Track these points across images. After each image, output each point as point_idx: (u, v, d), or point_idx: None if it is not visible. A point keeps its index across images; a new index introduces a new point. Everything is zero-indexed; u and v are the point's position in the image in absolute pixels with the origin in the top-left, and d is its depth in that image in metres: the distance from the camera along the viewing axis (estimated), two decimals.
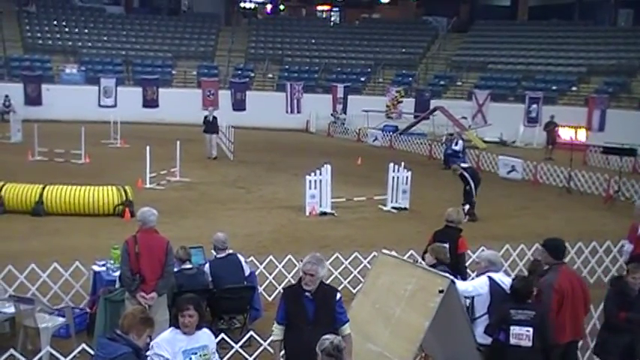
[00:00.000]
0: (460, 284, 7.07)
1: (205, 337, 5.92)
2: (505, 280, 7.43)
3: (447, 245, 8.36)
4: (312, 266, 6.10)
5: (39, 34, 40.19)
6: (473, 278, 8.15)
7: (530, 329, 6.61)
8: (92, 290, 9.24)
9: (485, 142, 31.05)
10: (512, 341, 6.67)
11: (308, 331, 5.99)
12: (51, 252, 11.79)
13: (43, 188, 15.18)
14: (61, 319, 8.45)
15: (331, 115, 36.60)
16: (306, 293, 6.14)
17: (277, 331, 6.31)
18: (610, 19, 39.97)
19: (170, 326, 6.03)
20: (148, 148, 18.58)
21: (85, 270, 9.86)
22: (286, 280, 10.36)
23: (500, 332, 6.79)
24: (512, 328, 6.68)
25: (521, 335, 6.63)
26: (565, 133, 30.20)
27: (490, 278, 7.25)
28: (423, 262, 7.99)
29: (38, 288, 9.66)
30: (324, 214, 16.32)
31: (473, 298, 7.33)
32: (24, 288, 9.57)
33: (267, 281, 10.52)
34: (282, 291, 6.88)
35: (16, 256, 10.90)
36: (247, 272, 9.21)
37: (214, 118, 24.88)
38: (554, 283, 6.98)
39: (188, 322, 5.74)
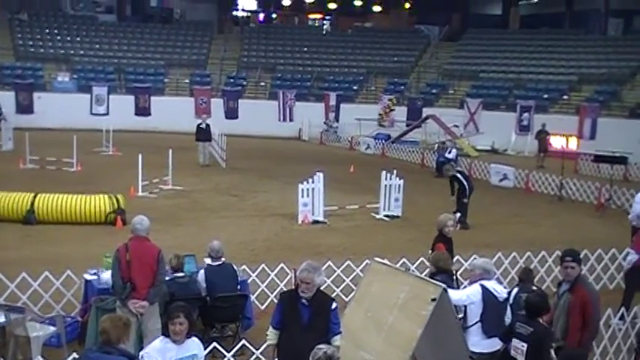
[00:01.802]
0: (453, 294, 7.07)
1: (195, 345, 5.91)
2: (498, 289, 7.44)
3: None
4: (308, 274, 6.18)
5: (31, 42, 40.09)
6: (465, 286, 8.15)
7: (525, 345, 6.57)
8: (84, 299, 9.20)
9: (477, 150, 31.14)
10: (512, 353, 6.68)
11: (301, 336, 6.08)
12: (42, 260, 11.73)
13: (35, 196, 15.10)
14: (52, 328, 8.39)
15: (324, 123, 36.64)
16: (303, 300, 6.21)
17: (272, 335, 6.41)
18: (600, 28, 40.18)
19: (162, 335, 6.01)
20: (140, 156, 18.54)
21: (76, 278, 9.82)
22: (279, 288, 10.33)
23: (509, 342, 6.81)
24: (513, 340, 6.67)
25: (518, 349, 6.60)
26: (556, 142, 30.31)
27: (483, 286, 7.26)
28: (415, 270, 7.98)
29: (29, 297, 9.61)
30: (316, 222, 16.31)
31: (466, 306, 7.34)
32: (15, 297, 9.51)
33: (260, 289, 10.49)
34: (274, 299, 6.92)
35: (7, 265, 10.83)
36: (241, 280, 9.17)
37: (207, 125, 24.93)
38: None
39: (178, 329, 5.73)
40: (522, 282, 8.46)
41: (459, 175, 16.59)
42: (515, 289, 8.32)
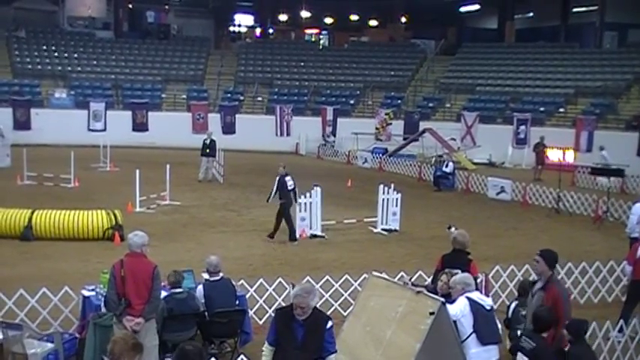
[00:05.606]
0: (449, 309, 7.02)
1: None
2: (484, 298, 7.46)
3: (459, 272, 8.08)
4: (303, 300, 6.14)
5: (28, 59, 40.19)
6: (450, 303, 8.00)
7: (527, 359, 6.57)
8: (82, 315, 9.18)
9: (474, 163, 31.22)
10: None
11: (295, 355, 6.05)
12: (40, 277, 11.70)
13: (32, 213, 15.07)
14: (49, 345, 8.36)
15: (323, 136, 36.73)
16: (297, 318, 6.17)
17: (267, 352, 6.37)
18: (595, 42, 40.45)
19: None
20: (137, 171, 18.52)
21: (74, 295, 9.78)
22: (277, 303, 10.31)
23: (515, 355, 6.82)
24: (518, 354, 6.68)
25: None
26: (553, 154, 30.35)
27: (468, 298, 7.23)
28: (413, 284, 7.93)
29: (27, 313, 9.57)
30: (314, 236, 16.29)
31: (456, 322, 7.30)
32: (12, 314, 9.47)
33: (258, 304, 10.47)
34: (272, 314, 6.88)
35: (5, 282, 10.82)
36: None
37: (212, 141, 24.72)
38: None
39: None
40: (521, 296, 8.46)
41: (278, 178, 15.76)
42: (514, 303, 8.32)
